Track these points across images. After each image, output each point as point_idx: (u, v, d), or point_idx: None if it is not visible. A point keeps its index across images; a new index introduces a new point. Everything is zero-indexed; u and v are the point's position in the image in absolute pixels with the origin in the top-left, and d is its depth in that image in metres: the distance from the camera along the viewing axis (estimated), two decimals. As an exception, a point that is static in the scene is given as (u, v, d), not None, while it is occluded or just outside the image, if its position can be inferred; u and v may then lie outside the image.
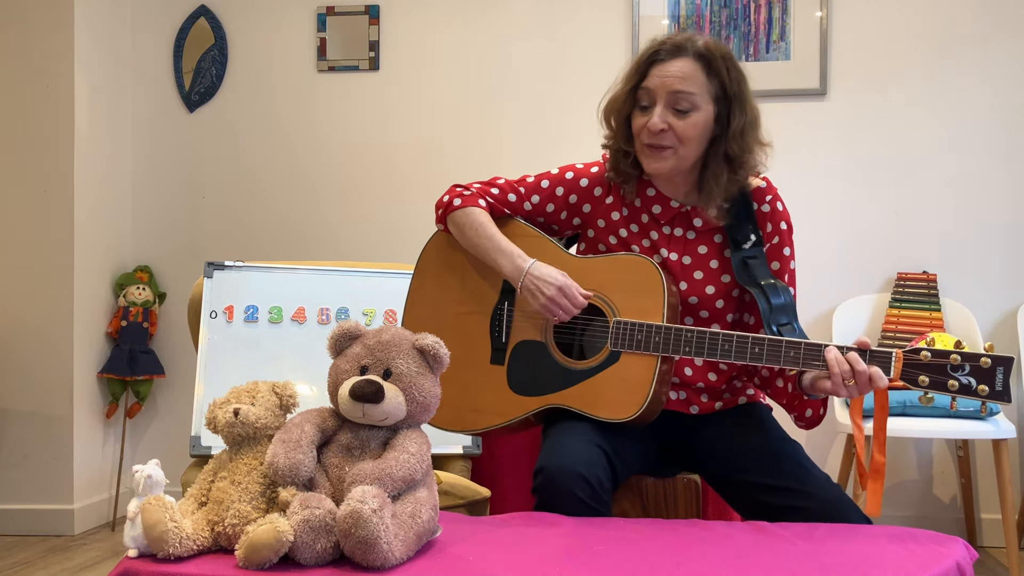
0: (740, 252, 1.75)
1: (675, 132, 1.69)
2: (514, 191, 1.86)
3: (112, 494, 3.47)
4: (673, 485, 1.85)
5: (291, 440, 1.32)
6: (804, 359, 1.57)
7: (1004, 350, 3.13)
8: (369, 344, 1.41)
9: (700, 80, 1.70)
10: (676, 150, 1.71)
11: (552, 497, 1.58)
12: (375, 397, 1.34)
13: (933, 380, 1.50)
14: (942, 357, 1.48)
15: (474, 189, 1.85)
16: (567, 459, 1.60)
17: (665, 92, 1.69)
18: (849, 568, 1.25)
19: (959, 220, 3.22)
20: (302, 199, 3.56)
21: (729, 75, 1.71)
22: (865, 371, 1.52)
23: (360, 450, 1.36)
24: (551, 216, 1.85)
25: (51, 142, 3.30)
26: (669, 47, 1.71)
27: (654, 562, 1.28)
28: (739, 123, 1.71)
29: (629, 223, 1.80)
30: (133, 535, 1.27)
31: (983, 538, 3.16)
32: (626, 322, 1.68)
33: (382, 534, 1.21)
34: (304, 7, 3.56)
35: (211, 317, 2.23)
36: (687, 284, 1.77)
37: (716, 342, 1.62)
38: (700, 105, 1.70)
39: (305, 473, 1.31)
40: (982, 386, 1.46)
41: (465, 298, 1.85)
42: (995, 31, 3.21)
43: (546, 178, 1.86)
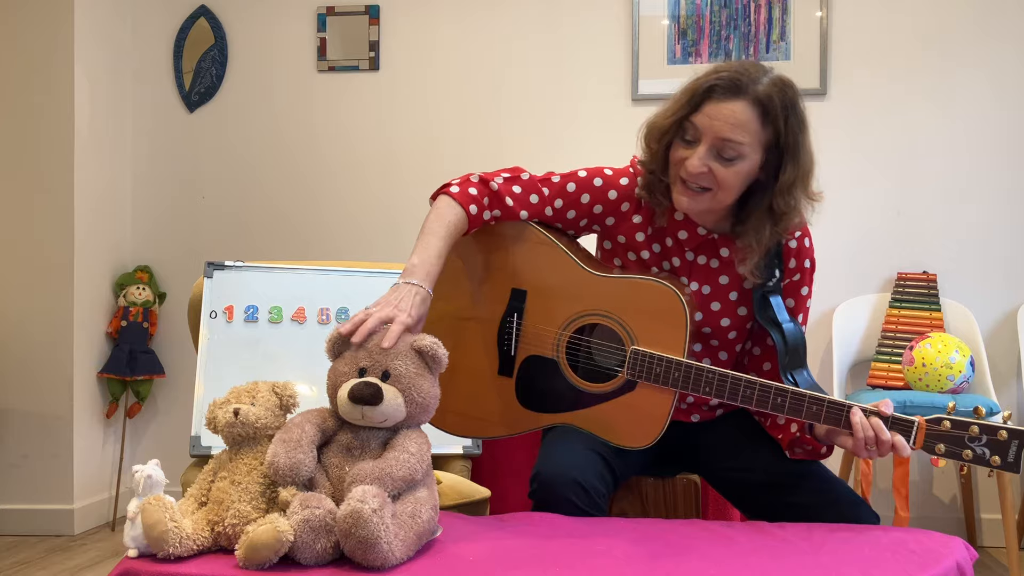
0: (761, 287, 1.69)
1: (715, 176, 1.58)
2: (537, 192, 1.73)
3: (112, 494, 3.47)
4: (673, 485, 1.85)
5: (291, 440, 1.31)
6: (826, 417, 1.54)
7: (1004, 350, 3.14)
8: (367, 346, 1.40)
9: (753, 129, 1.57)
10: (714, 193, 1.61)
11: (547, 503, 1.58)
12: (374, 399, 1.33)
13: (949, 449, 1.50)
14: (962, 428, 1.49)
15: (496, 184, 1.69)
16: (562, 465, 1.59)
17: (713, 135, 1.57)
18: (849, 568, 1.25)
19: (959, 220, 3.22)
20: (302, 199, 3.56)
21: (786, 124, 1.58)
22: (888, 441, 1.50)
23: (360, 450, 1.36)
24: (569, 221, 1.75)
25: (51, 142, 3.29)
26: (728, 83, 1.57)
27: (654, 563, 1.28)
28: (790, 177, 1.59)
29: (651, 243, 1.73)
30: (133, 535, 1.27)
31: (983, 538, 3.15)
32: (645, 352, 1.61)
33: (382, 534, 1.21)
34: (304, 7, 3.56)
35: (211, 317, 2.23)
36: (703, 315, 1.72)
37: (738, 387, 1.57)
38: (747, 155, 1.58)
39: (305, 473, 1.31)
40: (995, 457, 1.48)
41: (471, 304, 1.77)
42: (995, 31, 3.21)
43: (572, 181, 1.74)
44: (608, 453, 1.65)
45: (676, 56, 3.34)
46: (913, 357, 2.85)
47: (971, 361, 2.84)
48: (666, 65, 3.35)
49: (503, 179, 1.71)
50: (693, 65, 3.33)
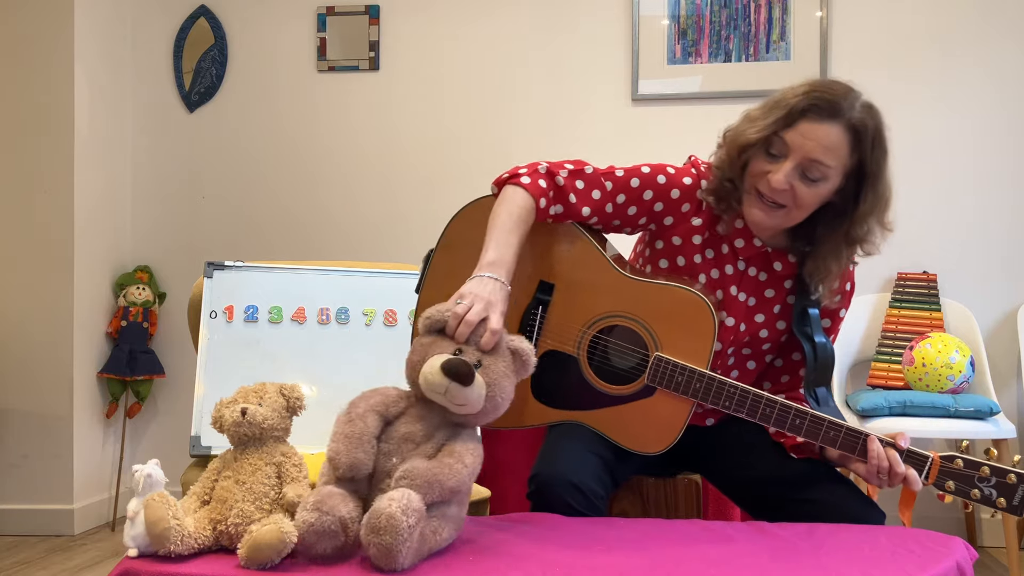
0: (804, 300, 1.69)
1: (795, 194, 1.58)
2: (600, 187, 1.69)
3: (112, 494, 3.46)
4: (673, 485, 1.85)
5: (354, 436, 1.29)
6: (842, 443, 1.54)
7: (1004, 350, 3.14)
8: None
9: (842, 154, 1.57)
10: (788, 211, 1.61)
11: (545, 505, 1.58)
12: (467, 379, 1.29)
13: (959, 488, 1.53)
14: (973, 468, 1.52)
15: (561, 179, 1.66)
16: (560, 467, 1.59)
17: (802, 155, 1.56)
18: (849, 568, 1.25)
19: (959, 220, 3.22)
20: (302, 199, 3.56)
21: (872, 153, 1.59)
22: (902, 474, 1.51)
23: (418, 444, 1.32)
24: (629, 218, 1.71)
25: (51, 142, 3.29)
26: (826, 105, 1.56)
27: (654, 562, 1.28)
28: (870, 205, 1.62)
29: (705, 248, 1.71)
30: (133, 534, 1.27)
31: (983, 538, 3.15)
32: (668, 360, 1.60)
33: (404, 548, 1.19)
34: (304, 7, 3.56)
35: (211, 317, 2.23)
36: (745, 326, 1.72)
37: (758, 405, 1.57)
38: (830, 177, 1.59)
39: (365, 471, 1.29)
40: (1001, 499, 1.50)
41: None
42: (995, 31, 3.21)
43: (636, 176, 1.70)
44: (608, 455, 1.65)
45: (676, 56, 3.34)
46: (913, 357, 2.85)
47: (971, 361, 2.84)
48: (666, 65, 3.35)
49: (568, 172, 1.67)
50: (693, 65, 3.33)
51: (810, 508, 1.59)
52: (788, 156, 1.57)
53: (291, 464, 1.35)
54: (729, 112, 3.55)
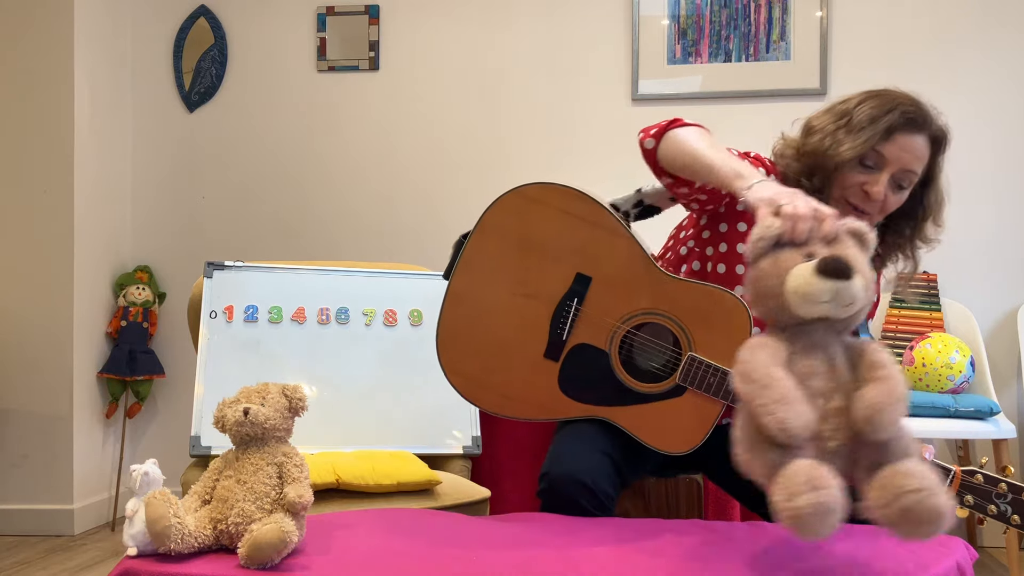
0: None
1: (886, 206, 1.67)
2: None
3: (112, 494, 3.47)
4: (675, 485, 1.85)
5: (782, 396, 1.10)
6: None
7: (1004, 350, 3.14)
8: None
9: (926, 161, 1.70)
10: (872, 217, 1.67)
11: (555, 503, 1.58)
12: (848, 271, 1.14)
13: (977, 503, 1.52)
14: (992, 484, 1.52)
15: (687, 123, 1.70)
16: (571, 467, 1.59)
17: (898, 166, 1.65)
18: (849, 567, 1.25)
19: (959, 220, 3.21)
20: (302, 199, 3.56)
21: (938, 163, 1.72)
22: None
23: (826, 377, 1.15)
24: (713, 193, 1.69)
25: (51, 142, 3.30)
26: (917, 117, 1.66)
27: (654, 562, 1.28)
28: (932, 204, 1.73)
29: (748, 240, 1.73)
30: (132, 533, 1.27)
31: (983, 538, 3.15)
32: (702, 360, 1.60)
33: (946, 508, 1.04)
34: (304, 7, 3.56)
35: (211, 317, 2.23)
36: None
37: None
38: (913, 183, 1.69)
39: (813, 427, 1.12)
40: (1015, 516, 1.50)
41: (529, 279, 1.70)
42: (995, 31, 3.21)
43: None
44: (617, 456, 1.65)
45: (676, 56, 3.35)
46: (913, 357, 2.85)
47: (971, 361, 2.84)
48: (666, 65, 3.35)
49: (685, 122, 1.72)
50: (693, 65, 3.33)
51: None
52: (884, 168, 1.64)
53: (292, 464, 1.35)
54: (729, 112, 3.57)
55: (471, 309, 1.72)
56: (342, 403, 2.23)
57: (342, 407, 2.22)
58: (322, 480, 1.90)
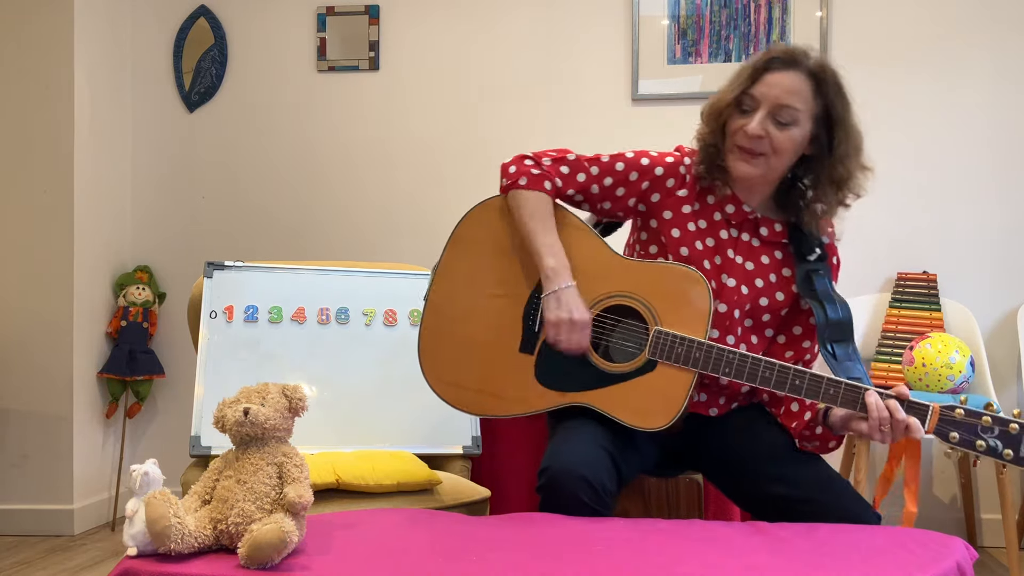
0: (805, 264, 1.75)
1: (771, 141, 1.69)
2: (584, 171, 1.80)
3: (112, 494, 3.46)
4: (675, 485, 1.85)
5: None
6: (843, 399, 1.56)
7: (1004, 350, 3.14)
8: None
9: (807, 97, 1.70)
10: (768, 159, 1.70)
11: (555, 498, 1.58)
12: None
13: (963, 438, 1.52)
14: (975, 417, 1.52)
15: (545, 167, 1.79)
16: (571, 461, 1.59)
17: (770, 102, 1.69)
18: (849, 568, 1.25)
19: (959, 220, 3.23)
20: (302, 199, 3.56)
21: (836, 98, 1.72)
22: (904, 420, 1.52)
23: None
24: (618, 201, 1.81)
25: (51, 142, 3.29)
26: (784, 58, 1.71)
27: (654, 562, 1.28)
28: (844, 148, 1.72)
29: (698, 218, 1.78)
30: (132, 533, 1.27)
31: (983, 538, 3.15)
32: (668, 333, 1.65)
33: None
34: (304, 7, 3.56)
35: (211, 317, 2.23)
36: (748, 289, 1.75)
37: (757, 368, 1.60)
38: (801, 122, 1.70)
39: None
40: (1007, 450, 1.50)
41: (501, 280, 1.79)
42: (995, 31, 3.21)
43: (621, 160, 1.81)
44: (617, 451, 1.65)
45: (676, 56, 3.35)
46: (913, 357, 2.85)
47: (971, 361, 2.84)
48: (666, 65, 3.35)
49: (551, 159, 1.81)
50: (693, 65, 3.33)
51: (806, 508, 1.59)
52: (759, 107, 1.69)
53: (292, 464, 1.35)
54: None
55: (447, 317, 1.81)
56: (342, 403, 2.23)
57: (342, 407, 2.22)
58: (322, 480, 1.90)
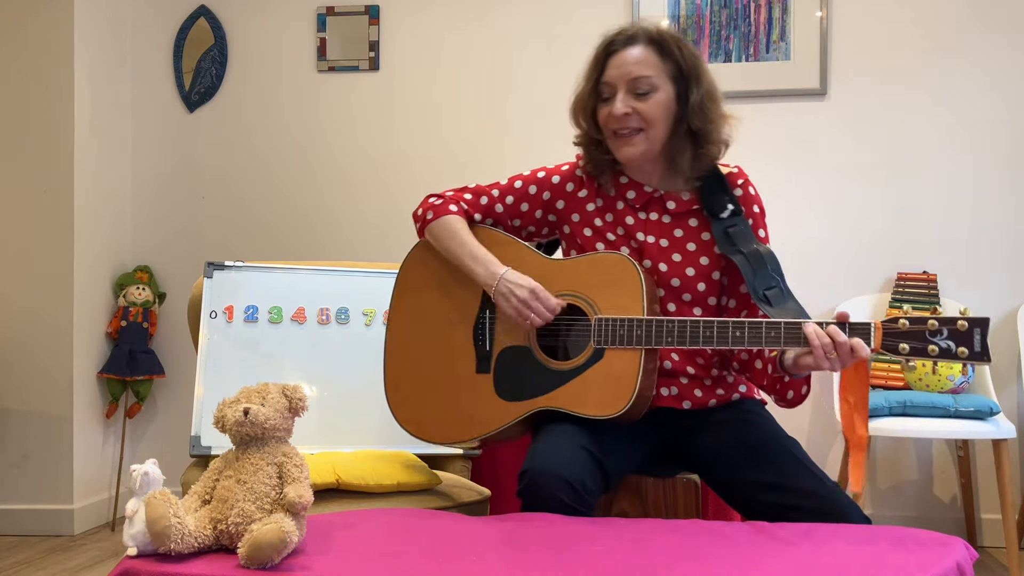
0: (720, 222, 1.77)
1: (640, 115, 1.74)
2: (486, 194, 1.90)
3: (112, 494, 3.47)
4: (673, 485, 1.85)
5: None
6: (785, 338, 1.58)
7: (1004, 350, 3.14)
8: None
9: (654, 62, 1.76)
10: (645, 133, 1.75)
11: (535, 500, 1.58)
12: None
13: (913, 347, 1.52)
14: (920, 324, 1.51)
15: (447, 196, 1.89)
16: (550, 462, 1.60)
17: (624, 80, 1.75)
18: (849, 568, 1.25)
19: (959, 220, 3.23)
20: (302, 199, 3.56)
21: (682, 54, 1.77)
22: (846, 342, 1.54)
23: None
24: (526, 216, 1.89)
25: (51, 142, 3.30)
26: (622, 38, 1.79)
27: (653, 562, 1.28)
28: (697, 97, 1.75)
29: (604, 213, 1.83)
30: (132, 533, 1.27)
31: (983, 538, 3.16)
32: (607, 318, 1.69)
33: None
34: (304, 7, 3.56)
35: (211, 317, 2.23)
36: (667, 266, 1.78)
37: (698, 330, 1.63)
38: (659, 86, 1.75)
39: None
40: (961, 348, 1.49)
41: (447, 310, 1.86)
42: (995, 31, 3.21)
43: (519, 179, 1.91)
44: (599, 451, 1.66)
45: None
46: (913, 357, 2.85)
47: (971, 361, 2.84)
48: (666, 65, 3.34)
49: (452, 191, 1.92)
50: (693, 65, 3.33)
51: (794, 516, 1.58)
52: (617, 89, 1.76)
53: (292, 464, 1.35)
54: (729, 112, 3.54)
55: (405, 361, 1.88)
56: (342, 403, 2.23)
57: (342, 407, 2.22)
58: (322, 480, 1.90)
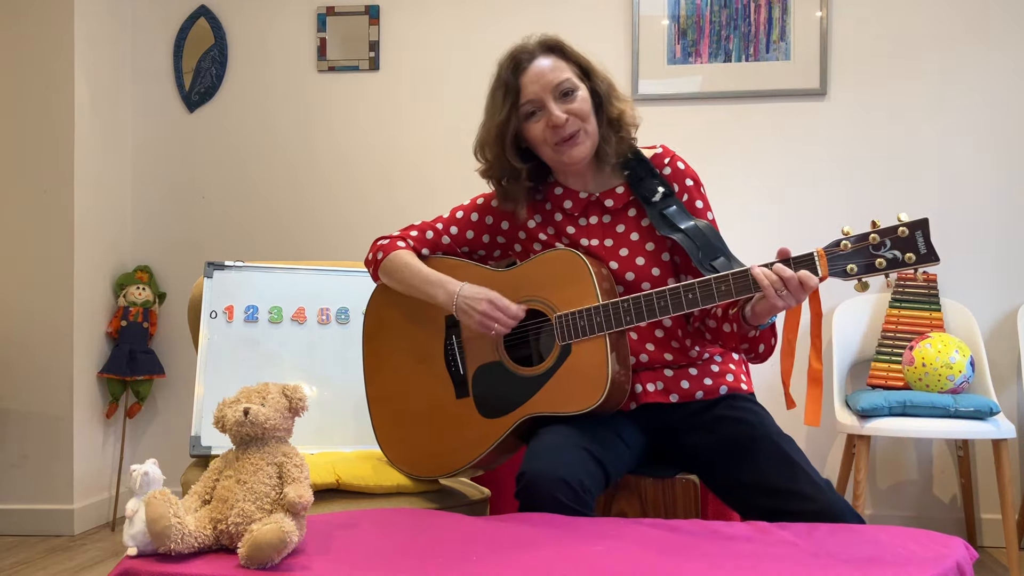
0: (654, 206, 1.79)
1: (576, 115, 1.77)
2: (431, 228, 1.95)
3: (112, 494, 3.47)
4: (672, 485, 1.85)
5: None
6: (736, 289, 1.59)
7: (1004, 350, 3.14)
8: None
9: (563, 66, 1.80)
10: (585, 130, 1.78)
11: (533, 501, 1.58)
12: None
13: (861, 265, 1.52)
14: (862, 240, 1.51)
15: (394, 235, 1.95)
16: (548, 463, 1.60)
17: (548, 89, 1.77)
18: (849, 568, 1.25)
19: (959, 220, 3.23)
20: (302, 199, 3.56)
21: (576, 55, 1.84)
22: (794, 276, 1.55)
23: None
24: (474, 243, 1.93)
25: (51, 142, 3.30)
26: (523, 54, 1.80)
27: (653, 562, 1.28)
28: (604, 89, 1.82)
29: (545, 227, 1.86)
30: (132, 533, 1.27)
31: (983, 538, 3.16)
32: (566, 314, 1.71)
33: None
34: (304, 7, 3.56)
35: (211, 317, 2.23)
36: (617, 263, 1.79)
37: (652, 301, 1.65)
38: (578, 85, 1.79)
39: None
40: (908, 255, 1.50)
41: (416, 347, 1.90)
42: (994, 31, 3.21)
43: (460, 209, 1.96)
44: (598, 450, 1.66)
45: (676, 56, 3.35)
46: (913, 357, 2.85)
47: (971, 361, 2.84)
48: (666, 65, 3.35)
49: (398, 230, 1.97)
50: (693, 65, 3.33)
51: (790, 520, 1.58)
52: (542, 101, 1.77)
53: (292, 464, 1.35)
54: (729, 112, 3.58)
55: (389, 405, 1.94)
56: (342, 403, 2.23)
57: (342, 407, 2.22)
58: (322, 480, 1.90)
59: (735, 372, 1.84)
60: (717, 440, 1.75)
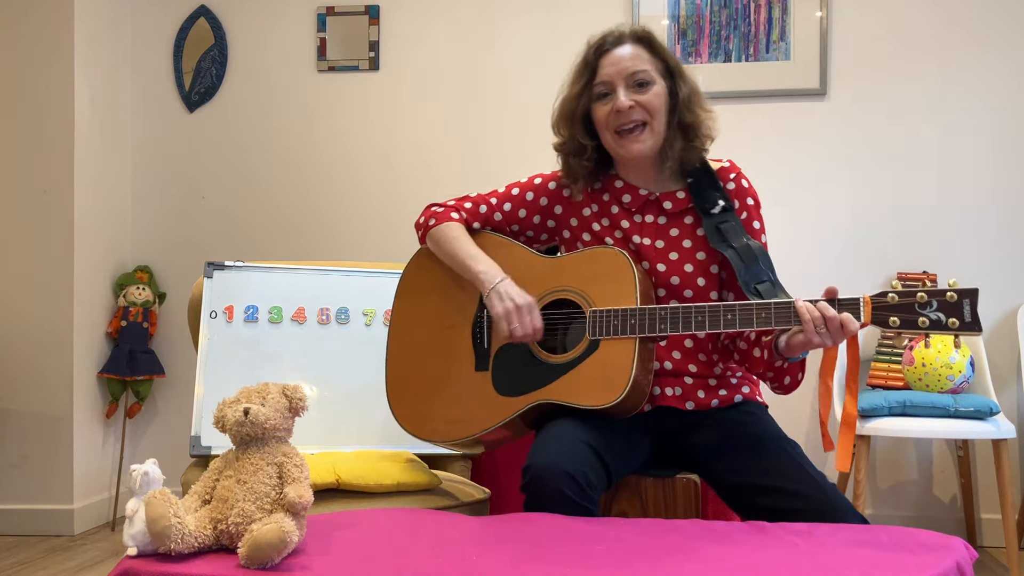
0: (711, 218, 1.78)
1: (643, 107, 1.77)
2: (485, 202, 1.93)
3: (112, 494, 3.47)
4: (672, 485, 1.85)
5: None
6: (776, 318, 1.59)
7: (1004, 350, 3.14)
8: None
9: (647, 58, 1.80)
10: (650, 125, 1.78)
11: (540, 495, 1.58)
12: None
13: (904, 320, 1.52)
14: (909, 297, 1.52)
15: (448, 205, 1.94)
16: (554, 457, 1.60)
17: (622, 76, 1.78)
18: (849, 568, 1.25)
19: (959, 220, 3.23)
20: (302, 199, 3.56)
21: (666, 53, 1.83)
22: (836, 317, 1.54)
23: None
24: (524, 222, 1.92)
25: (51, 142, 3.30)
26: (612, 39, 1.83)
27: (654, 562, 1.28)
28: (685, 93, 1.80)
29: (600, 217, 1.85)
30: (132, 533, 1.27)
31: (983, 538, 3.16)
32: (602, 310, 1.71)
33: None
34: (304, 7, 3.56)
35: (211, 317, 2.23)
36: (665, 266, 1.79)
37: (689, 315, 1.64)
38: (655, 79, 1.79)
39: None
40: (952, 319, 1.50)
41: (446, 313, 1.89)
42: (995, 31, 3.21)
43: (516, 186, 1.93)
44: (603, 446, 1.66)
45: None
46: (913, 357, 2.85)
47: (971, 361, 2.84)
48: (666, 65, 3.35)
49: (454, 200, 1.96)
50: (693, 65, 3.33)
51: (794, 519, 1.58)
52: (614, 85, 1.79)
53: (292, 464, 1.35)
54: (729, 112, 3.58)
55: (406, 365, 1.91)
56: (342, 403, 2.23)
57: (342, 407, 2.22)
58: (322, 480, 1.90)
59: (752, 385, 1.86)
60: (721, 438, 1.75)
